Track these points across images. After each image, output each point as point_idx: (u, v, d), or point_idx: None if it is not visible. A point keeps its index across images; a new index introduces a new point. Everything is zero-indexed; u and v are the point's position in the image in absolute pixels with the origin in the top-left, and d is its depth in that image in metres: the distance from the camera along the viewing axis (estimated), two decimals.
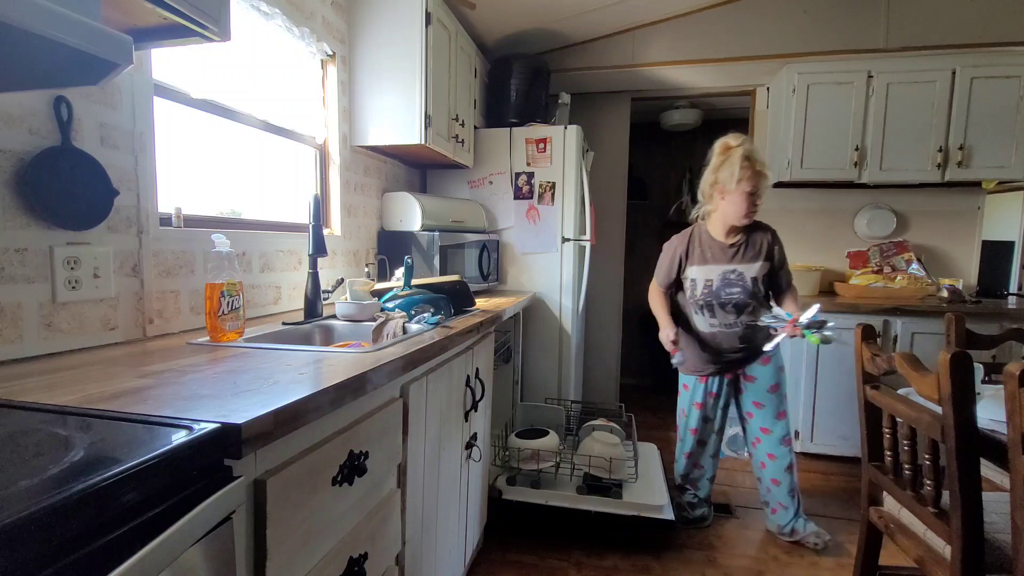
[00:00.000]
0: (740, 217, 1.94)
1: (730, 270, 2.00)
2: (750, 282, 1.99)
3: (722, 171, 1.95)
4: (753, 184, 1.89)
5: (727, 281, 2.00)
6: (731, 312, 2.02)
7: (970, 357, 1.13)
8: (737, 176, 1.89)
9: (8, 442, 0.61)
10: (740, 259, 2.00)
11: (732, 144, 1.95)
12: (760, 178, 1.90)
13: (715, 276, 2.01)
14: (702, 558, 2.02)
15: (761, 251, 2.01)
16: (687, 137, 4.47)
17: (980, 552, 1.17)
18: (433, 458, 1.37)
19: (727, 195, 1.94)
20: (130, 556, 0.49)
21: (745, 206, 1.92)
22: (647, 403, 4.02)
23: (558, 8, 2.82)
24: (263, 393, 0.79)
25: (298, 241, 1.82)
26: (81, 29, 0.69)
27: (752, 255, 2.01)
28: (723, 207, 1.97)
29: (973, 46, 2.81)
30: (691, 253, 2.07)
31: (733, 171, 1.89)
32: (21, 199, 1.00)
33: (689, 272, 2.07)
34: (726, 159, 1.94)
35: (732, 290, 1.99)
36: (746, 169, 1.88)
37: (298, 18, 1.81)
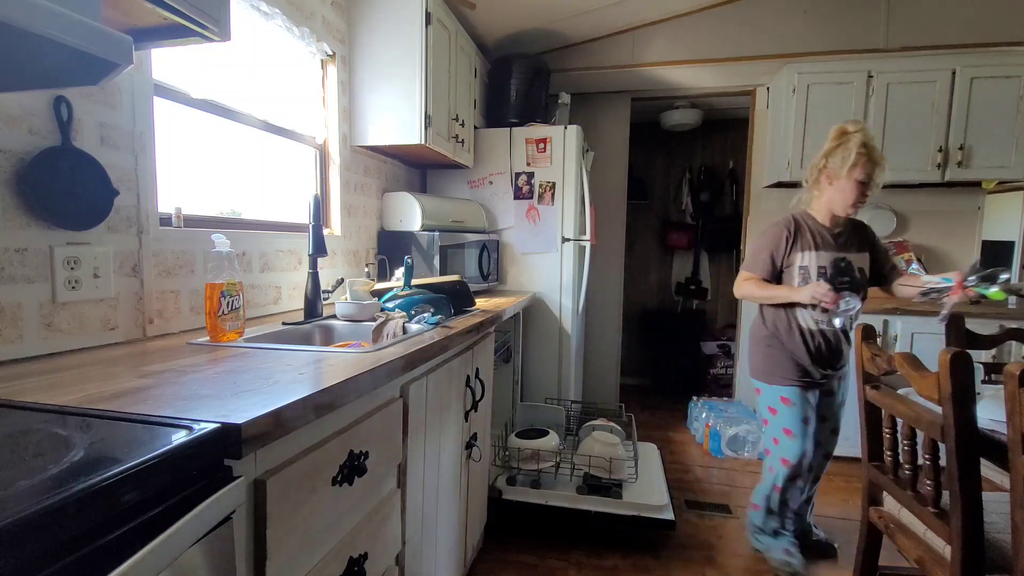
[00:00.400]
0: (847, 206, 1.82)
1: (839, 258, 1.85)
2: (858, 272, 1.86)
3: (834, 156, 1.83)
4: (867, 172, 1.77)
5: (838, 269, 1.85)
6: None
7: (970, 357, 1.13)
8: (851, 162, 1.77)
9: (8, 442, 0.61)
10: (847, 247, 1.88)
11: (850, 129, 1.83)
12: (875, 167, 1.78)
13: (827, 263, 1.85)
14: (702, 558, 2.02)
15: (864, 241, 1.92)
16: (687, 137, 4.47)
17: (980, 552, 1.17)
18: (433, 458, 1.37)
19: (836, 181, 1.82)
20: (130, 556, 0.49)
21: (854, 195, 1.80)
22: (647, 403, 4.02)
23: (558, 8, 2.82)
24: (263, 393, 0.79)
25: (298, 241, 1.82)
26: (81, 29, 0.69)
27: (857, 245, 1.90)
28: (829, 194, 1.85)
29: (973, 46, 2.81)
30: (800, 237, 1.89)
31: (847, 157, 1.78)
32: (21, 199, 1.00)
33: (798, 259, 1.88)
34: (840, 144, 1.82)
35: (843, 279, 1.84)
36: (862, 155, 1.77)
37: (298, 18, 1.81)
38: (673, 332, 4.31)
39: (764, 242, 1.93)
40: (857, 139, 1.78)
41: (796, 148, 2.93)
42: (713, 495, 2.54)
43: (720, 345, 4.20)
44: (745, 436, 2.97)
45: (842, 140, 1.82)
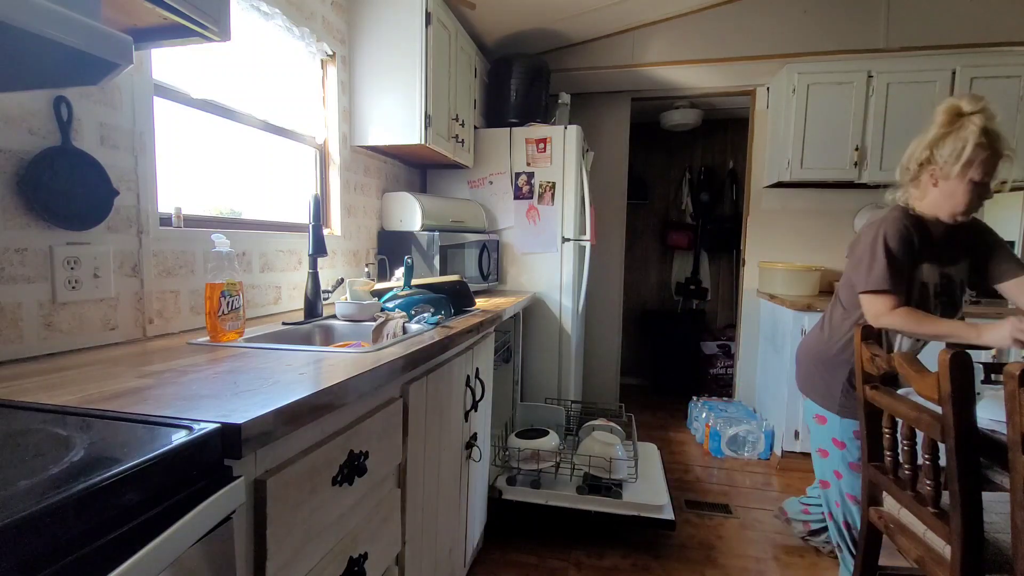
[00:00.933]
0: (957, 213, 1.44)
1: (944, 273, 1.53)
2: (958, 287, 1.55)
3: (943, 147, 1.42)
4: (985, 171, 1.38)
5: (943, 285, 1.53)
6: None
7: (970, 357, 1.13)
8: (967, 157, 1.37)
9: (8, 442, 0.61)
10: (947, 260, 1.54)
11: (966, 110, 1.42)
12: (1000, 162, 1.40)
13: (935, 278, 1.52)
14: (702, 558, 2.02)
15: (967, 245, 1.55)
16: (687, 137, 4.48)
17: (980, 552, 1.17)
18: (433, 458, 1.37)
19: (944, 181, 1.44)
20: (130, 556, 0.49)
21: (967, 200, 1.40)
22: (647, 403, 4.02)
23: (558, 8, 2.82)
24: (263, 393, 0.79)
25: (298, 241, 1.82)
26: (81, 29, 0.69)
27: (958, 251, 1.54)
28: (933, 196, 1.47)
29: (973, 46, 2.81)
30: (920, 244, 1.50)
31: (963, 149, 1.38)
32: (21, 199, 1.00)
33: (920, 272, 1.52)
34: (953, 131, 1.42)
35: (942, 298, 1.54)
36: (982, 149, 1.37)
37: (298, 18, 1.81)
38: (673, 332, 4.31)
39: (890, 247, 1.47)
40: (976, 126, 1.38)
41: (796, 148, 2.93)
42: (713, 495, 2.54)
43: (720, 345, 4.20)
44: (745, 436, 2.97)
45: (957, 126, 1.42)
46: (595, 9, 2.87)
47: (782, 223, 3.38)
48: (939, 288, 1.51)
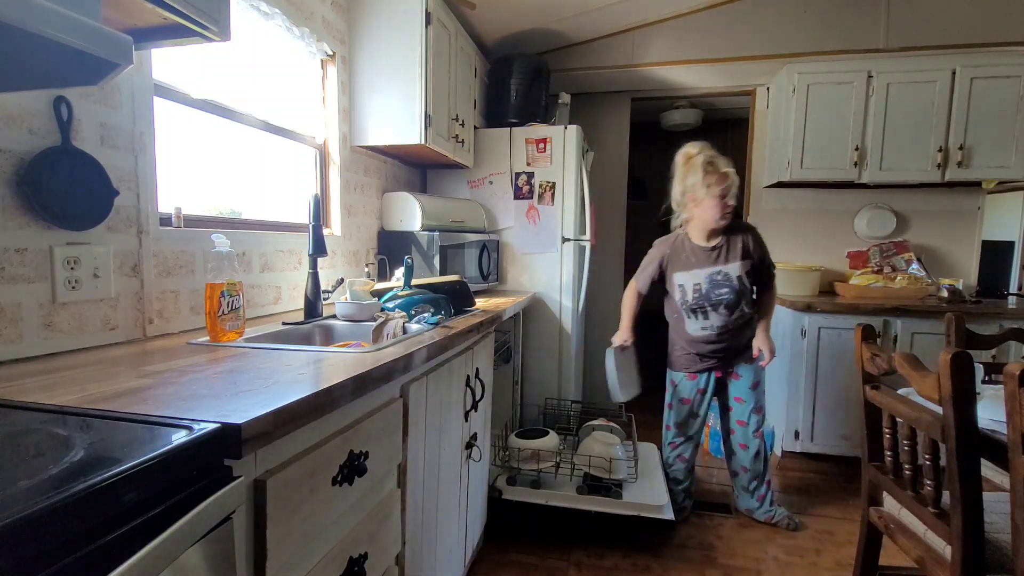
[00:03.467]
0: (716, 220, 2.01)
1: (715, 271, 2.07)
2: (736, 281, 2.06)
3: (688, 179, 2.03)
4: (722, 187, 1.97)
5: (714, 283, 2.07)
6: (723, 313, 2.09)
7: (970, 357, 1.13)
8: (704, 182, 1.98)
9: (8, 442, 0.61)
10: (723, 260, 2.07)
11: (692, 152, 2.04)
12: (726, 179, 1.97)
13: (703, 279, 2.09)
14: (702, 558, 2.02)
15: (741, 250, 2.07)
16: (687, 137, 4.44)
17: (980, 552, 1.17)
18: (433, 458, 1.37)
19: (699, 202, 2.02)
20: (130, 556, 0.49)
21: (719, 209, 1.99)
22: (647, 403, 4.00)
23: (558, 8, 2.82)
24: (263, 393, 0.79)
25: (298, 241, 1.82)
26: (81, 29, 0.69)
27: (734, 255, 2.07)
28: (699, 213, 2.05)
29: (973, 46, 2.81)
30: (674, 260, 2.15)
31: (699, 178, 1.98)
32: (21, 199, 1.00)
33: (675, 279, 2.15)
34: (690, 168, 2.02)
35: (721, 291, 2.07)
36: (711, 175, 1.97)
37: (298, 18, 1.81)
38: None
39: (647, 260, 2.24)
40: (700, 160, 1.99)
41: (796, 148, 2.93)
42: (713, 495, 2.54)
43: None
44: None
45: (690, 164, 2.03)
46: (595, 9, 2.87)
47: (782, 223, 3.38)
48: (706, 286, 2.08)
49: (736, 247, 2.07)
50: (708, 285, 2.08)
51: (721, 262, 2.07)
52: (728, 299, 2.06)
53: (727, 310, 2.08)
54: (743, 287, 2.06)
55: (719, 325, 2.10)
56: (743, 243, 2.08)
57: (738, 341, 2.15)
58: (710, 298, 2.08)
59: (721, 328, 2.11)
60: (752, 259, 2.08)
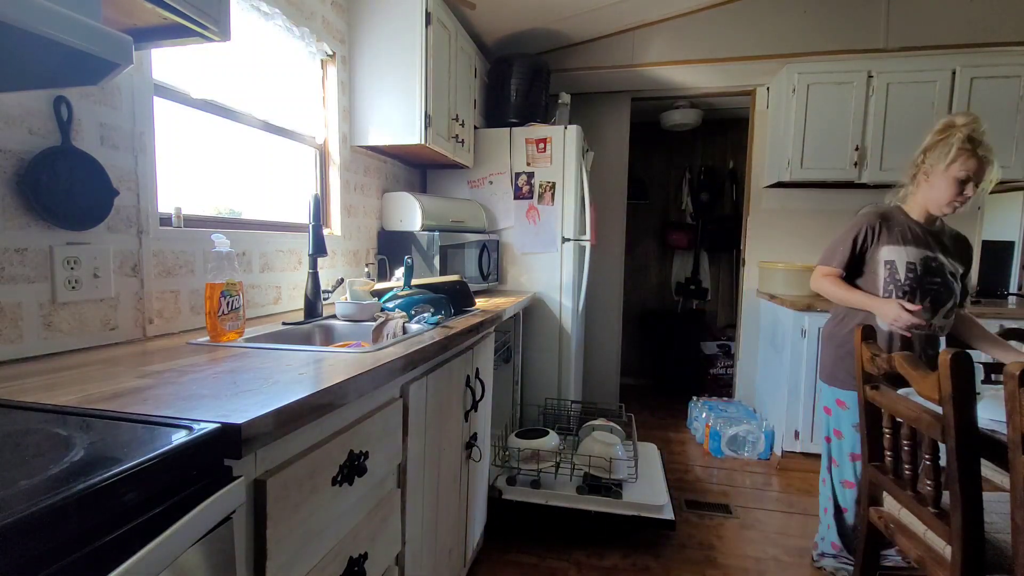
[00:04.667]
0: (942, 205, 1.70)
1: (932, 257, 1.72)
2: (950, 276, 1.72)
3: (934, 151, 1.70)
4: (967, 169, 1.64)
5: (928, 268, 1.71)
6: (927, 309, 1.70)
7: (970, 357, 1.13)
8: (951, 158, 1.65)
9: (8, 442, 0.61)
10: (941, 249, 1.74)
11: (957, 123, 1.68)
12: (979, 164, 1.64)
13: (917, 260, 1.71)
14: (702, 558, 2.02)
15: (959, 249, 1.78)
16: (687, 137, 4.47)
17: (980, 552, 1.17)
18: (433, 458, 1.37)
19: (932, 178, 1.71)
20: (130, 556, 0.49)
21: (951, 193, 1.67)
22: (647, 403, 4.02)
23: (558, 8, 2.82)
24: (263, 393, 0.79)
25: (298, 241, 1.82)
26: (81, 29, 0.69)
27: (952, 249, 1.76)
28: (924, 191, 1.74)
29: (973, 46, 2.81)
30: (887, 230, 1.76)
31: (948, 152, 1.65)
32: (21, 199, 1.00)
33: (883, 253, 1.75)
34: (943, 139, 1.68)
35: (934, 279, 1.71)
36: (963, 152, 1.63)
37: (298, 18, 1.81)
38: (673, 332, 4.31)
39: (845, 233, 1.81)
40: (961, 133, 1.65)
41: (796, 148, 2.93)
42: (713, 495, 2.54)
43: (720, 345, 4.20)
44: (745, 436, 2.97)
45: (946, 134, 1.68)
46: (595, 9, 2.87)
47: (782, 223, 3.38)
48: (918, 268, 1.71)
49: (954, 242, 1.78)
50: (922, 268, 1.70)
51: (939, 250, 1.73)
52: (938, 291, 1.69)
53: (931, 306, 1.70)
54: (955, 286, 1.73)
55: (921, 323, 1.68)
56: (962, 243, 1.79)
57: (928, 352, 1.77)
58: (923, 283, 1.69)
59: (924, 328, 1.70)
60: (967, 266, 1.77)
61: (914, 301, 1.69)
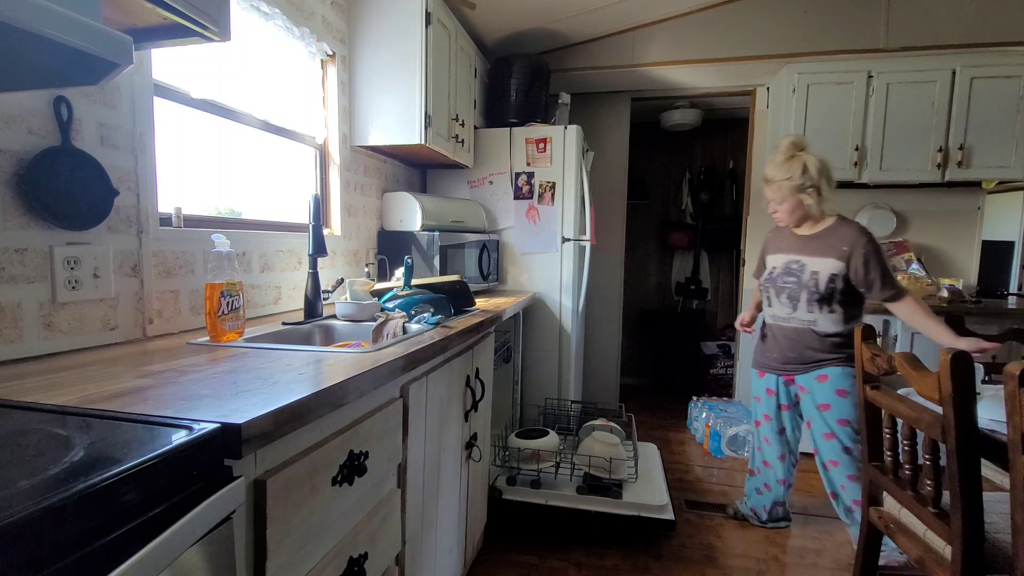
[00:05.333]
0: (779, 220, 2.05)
1: (793, 260, 2.00)
2: (808, 275, 1.93)
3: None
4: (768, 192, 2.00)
5: (787, 270, 2.00)
6: (786, 304, 1.99)
7: (970, 357, 1.13)
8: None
9: (8, 442, 0.61)
10: (807, 251, 1.96)
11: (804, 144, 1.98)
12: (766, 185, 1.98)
13: (780, 264, 2.04)
14: (702, 558, 2.02)
15: (837, 250, 1.88)
16: (687, 137, 4.47)
17: (980, 552, 1.17)
18: (433, 458, 1.37)
19: None
20: (130, 556, 0.49)
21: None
22: (647, 403, 4.02)
23: (558, 8, 2.82)
24: (263, 393, 0.79)
25: (298, 241, 1.82)
26: (81, 29, 0.69)
27: (824, 250, 1.91)
28: None
29: (973, 46, 2.81)
30: (771, 242, 2.15)
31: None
32: (21, 199, 1.00)
33: (768, 260, 2.13)
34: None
35: (788, 279, 1.99)
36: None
37: (298, 18, 1.81)
38: (673, 332, 4.31)
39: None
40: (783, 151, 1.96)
41: None
42: (713, 495, 2.54)
43: (720, 345, 4.20)
44: (745, 436, 2.97)
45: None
46: (595, 9, 2.87)
47: None
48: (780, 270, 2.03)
49: (829, 243, 1.91)
50: (781, 270, 2.02)
51: (805, 253, 1.97)
52: (790, 289, 1.97)
53: (789, 301, 1.98)
54: (815, 285, 1.90)
55: (782, 315, 2.02)
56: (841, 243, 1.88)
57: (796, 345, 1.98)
58: (776, 282, 2.03)
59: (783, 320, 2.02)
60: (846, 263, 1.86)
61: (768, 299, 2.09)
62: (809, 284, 1.92)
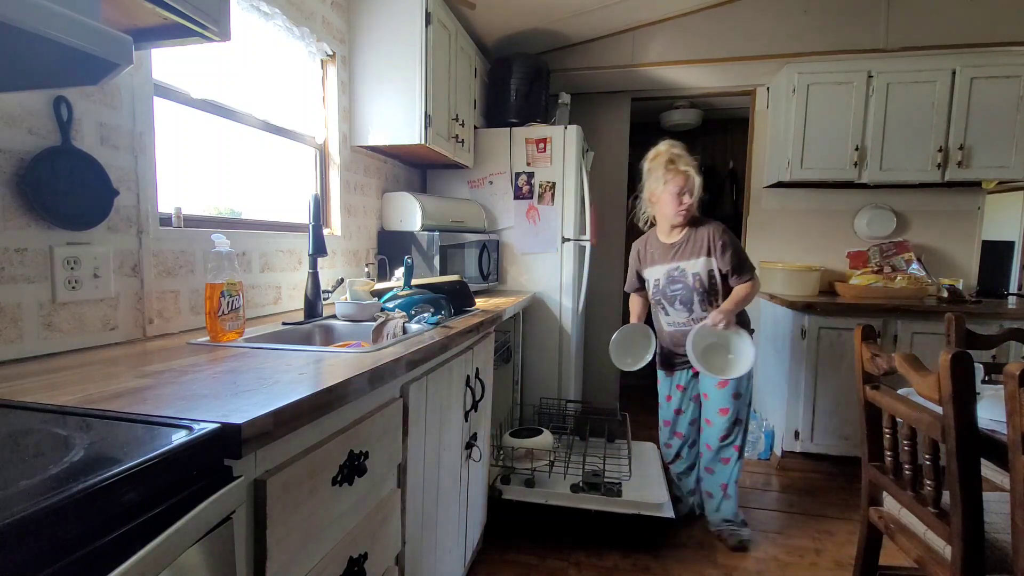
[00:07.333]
0: (673, 216, 2.07)
1: (673, 267, 2.11)
2: (691, 278, 2.08)
3: (650, 179, 2.10)
4: (678, 184, 2.02)
5: (671, 278, 2.12)
6: (681, 310, 2.13)
7: (971, 357, 1.13)
8: (661, 178, 2.04)
9: (8, 442, 0.61)
10: (681, 256, 2.10)
11: (660, 151, 2.10)
12: (683, 177, 2.02)
13: (661, 275, 2.15)
14: (701, 558, 2.02)
15: (702, 247, 2.07)
16: (687, 137, 4.45)
17: (980, 552, 1.17)
18: (433, 458, 1.37)
19: (659, 199, 2.09)
20: (130, 556, 0.49)
21: (673, 205, 2.04)
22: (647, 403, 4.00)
23: (558, 8, 2.82)
24: (263, 393, 0.79)
25: (298, 241, 1.82)
26: (81, 29, 0.69)
27: (693, 251, 2.09)
28: (659, 210, 2.12)
29: (973, 46, 2.81)
30: (644, 256, 2.23)
31: (658, 176, 2.05)
32: (21, 199, 1.00)
33: (645, 274, 2.22)
34: (652, 167, 2.09)
35: (675, 287, 2.12)
36: (669, 171, 2.03)
37: (298, 18, 1.81)
38: None
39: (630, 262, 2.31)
40: (662, 159, 2.05)
41: (796, 148, 2.93)
42: None
43: None
44: None
45: (653, 162, 2.09)
46: (595, 9, 2.87)
47: (782, 223, 3.38)
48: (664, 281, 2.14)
49: (696, 244, 2.08)
50: (665, 280, 2.13)
51: (679, 258, 2.10)
52: (681, 295, 2.10)
53: (683, 307, 2.11)
54: (698, 284, 2.07)
55: (681, 321, 2.14)
56: (704, 239, 2.07)
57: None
58: (665, 292, 2.14)
59: (682, 325, 2.14)
60: (713, 256, 2.05)
61: (664, 309, 2.17)
62: (696, 286, 2.07)
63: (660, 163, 2.05)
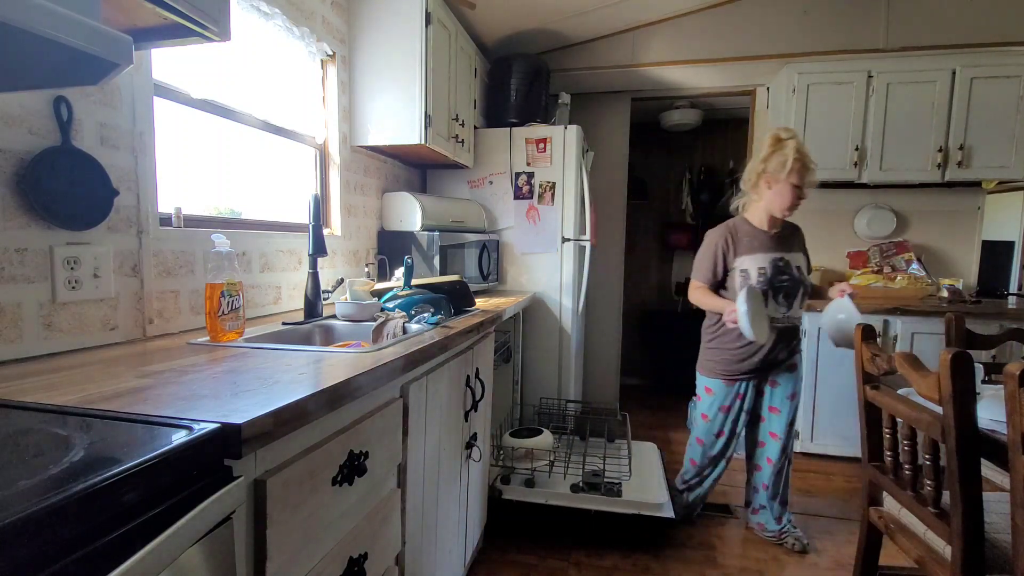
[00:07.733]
0: (783, 208, 1.96)
1: (778, 257, 1.99)
2: (796, 271, 2.00)
3: (772, 161, 1.95)
4: (801, 177, 1.92)
5: (777, 268, 1.98)
6: (783, 303, 1.99)
7: (971, 357, 1.13)
8: (789, 167, 1.90)
9: (8, 442, 0.61)
10: (785, 248, 2.02)
11: (783, 136, 1.97)
12: (808, 173, 1.93)
13: (767, 264, 1.98)
14: (702, 558, 2.02)
15: (800, 242, 2.08)
16: (687, 137, 4.47)
17: (980, 552, 1.17)
18: (433, 458, 1.37)
19: (775, 185, 1.95)
20: (130, 556, 0.49)
21: (791, 198, 1.94)
22: (647, 403, 4.02)
23: (558, 8, 2.82)
24: (263, 393, 0.79)
25: (298, 241, 1.82)
26: (81, 29, 0.69)
27: (794, 245, 2.06)
28: (768, 197, 1.98)
29: (973, 46, 2.81)
30: (736, 245, 2.03)
31: (785, 162, 1.91)
32: (21, 199, 1.00)
33: (739, 263, 2.01)
34: (777, 150, 1.95)
35: (783, 278, 1.98)
36: (797, 162, 1.91)
37: (298, 18, 1.81)
38: (673, 332, 4.30)
39: (704, 253, 2.08)
40: (792, 145, 1.93)
41: None
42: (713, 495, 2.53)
43: None
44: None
45: (779, 146, 1.96)
46: (595, 9, 2.87)
47: None
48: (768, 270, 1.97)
49: (793, 238, 2.07)
50: (772, 270, 1.97)
51: (784, 249, 2.02)
52: (788, 287, 1.98)
53: (786, 301, 1.98)
54: (802, 277, 2.01)
55: (777, 316, 1.99)
56: (797, 237, 2.09)
57: (787, 342, 2.04)
58: (773, 283, 1.97)
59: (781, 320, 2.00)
60: (806, 254, 2.09)
61: (769, 300, 1.97)
62: (801, 279, 2.00)
63: (789, 149, 1.91)
